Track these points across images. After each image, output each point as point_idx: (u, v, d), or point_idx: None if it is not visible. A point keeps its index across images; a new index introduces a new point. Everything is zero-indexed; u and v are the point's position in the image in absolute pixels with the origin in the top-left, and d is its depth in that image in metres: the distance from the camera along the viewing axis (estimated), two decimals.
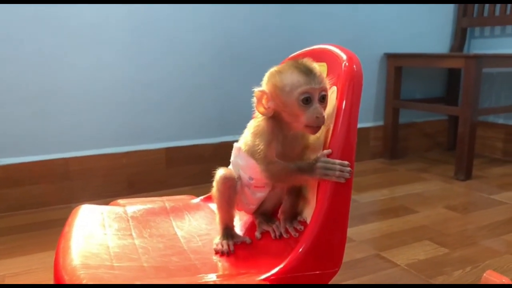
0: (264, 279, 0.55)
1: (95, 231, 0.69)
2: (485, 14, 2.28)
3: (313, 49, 0.72)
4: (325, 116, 0.62)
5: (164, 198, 0.86)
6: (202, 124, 1.91)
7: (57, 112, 1.64)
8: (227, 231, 0.70)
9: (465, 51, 2.41)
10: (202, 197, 0.86)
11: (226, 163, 1.93)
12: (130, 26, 1.71)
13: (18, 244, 1.36)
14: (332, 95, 0.65)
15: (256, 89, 0.68)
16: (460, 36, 2.38)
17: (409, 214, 1.60)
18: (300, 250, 0.57)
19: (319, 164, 0.59)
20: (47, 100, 1.62)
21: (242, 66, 1.94)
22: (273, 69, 0.67)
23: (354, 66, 0.63)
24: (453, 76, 2.45)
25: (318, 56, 0.70)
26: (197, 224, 0.76)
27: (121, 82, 1.73)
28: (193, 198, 0.87)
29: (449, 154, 2.45)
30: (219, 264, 0.63)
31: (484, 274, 1.11)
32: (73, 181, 1.69)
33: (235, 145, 0.74)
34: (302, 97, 0.62)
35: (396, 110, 2.26)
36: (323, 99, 0.62)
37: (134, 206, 0.80)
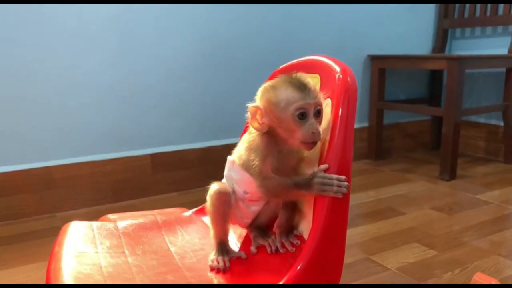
0: None
1: (86, 250, 0.67)
2: (466, 15, 2.31)
3: (305, 61, 0.72)
4: (321, 131, 0.61)
5: (155, 211, 0.84)
6: (188, 129, 1.90)
7: (38, 120, 1.60)
8: (222, 247, 0.68)
9: (446, 52, 2.44)
10: (194, 210, 0.85)
11: (213, 168, 1.93)
12: (115, 32, 1.68)
13: (1, 257, 1.32)
14: (326, 107, 0.64)
15: (250, 105, 0.67)
16: (441, 37, 2.41)
17: (397, 216, 1.61)
18: (299, 267, 0.56)
19: (316, 180, 0.59)
20: (28, 107, 1.58)
21: (227, 71, 1.93)
22: (267, 84, 0.66)
23: (349, 79, 0.63)
24: (435, 76, 2.48)
25: (311, 67, 0.69)
26: (190, 239, 0.75)
27: (105, 88, 1.70)
28: (184, 211, 0.85)
29: (432, 154, 2.48)
30: (215, 281, 0.62)
31: (474, 277, 1.12)
32: (56, 189, 1.65)
33: (229, 158, 0.73)
34: (297, 112, 0.61)
35: (380, 112, 2.27)
36: (318, 114, 0.62)
37: (125, 221, 0.78)
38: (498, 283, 1.10)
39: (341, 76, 0.64)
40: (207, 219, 0.80)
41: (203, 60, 1.87)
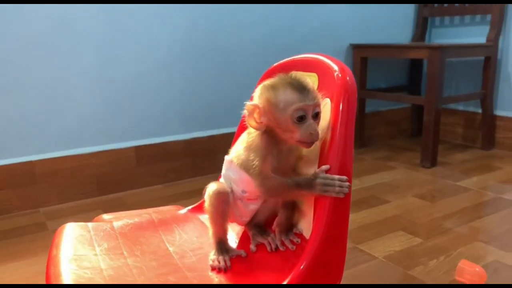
0: None
1: (85, 252, 0.67)
2: (445, 4, 2.34)
3: (303, 59, 0.72)
4: (319, 132, 0.62)
5: (150, 210, 0.84)
6: (172, 121, 1.88)
7: (20, 114, 1.57)
8: (221, 245, 0.69)
9: (426, 40, 2.47)
10: (189, 208, 0.85)
11: (197, 160, 1.93)
12: (95, 25, 1.64)
13: None
14: (325, 107, 0.65)
15: (248, 103, 0.67)
16: (421, 25, 2.44)
17: (381, 205, 1.64)
18: (302, 267, 0.57)
19: (318, 181, 0.59)
20: (9, 102, 1.54)
21: (210, 62, 1.91)
22: (266, 83, 0.66)
23: (348, 78, 0.63)
24: (414, 64, 2.51)
25: (308, 66, 0.70)
26: (187, 238, 0.75)
27: (89, 81, 1.67)
28: (180, 209, 0.85)
29: (413, 141, 2.52)
30: (217, 280, 0.63)
31: (459, 264, 1.16)
32: (39, 184, 1.63)
33: (226, 158, 0.73)
34: (297, 114, 0.62)
35: (362, 100, 2.30)
36: (316, 116, 0.63)
37: (120, 221, 0.78)
38: (482, 270, 1.14)
39: (340, 75, 0.64)
40: (203, 217, 0.81)
41: (186, 51, 1.85)
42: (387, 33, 2.39)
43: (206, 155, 1.96)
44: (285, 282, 0.57)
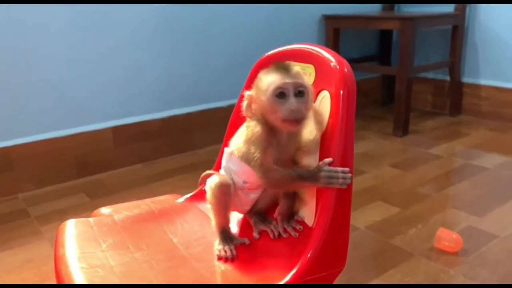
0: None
1: (91, 249, 0.68)
2: None
3: (298, 49, 0.72)
4: (304, 111, 0.63)
5: (148, 200, 0.85)
6: (148, 100, 1.86)
7: None
8: (225, 234, 0.71)
9: (396, 10, 2.50)
10: (186, 196, 0.86)
11: (175, 138, 1.92)
12: (67, 4, 1.58)
13: None
14: (324, 99, 0.66)
15: (246, 93, 0.68)
16: None
17: (359, 175, 1.69)
18: (309, 255, 0.60)
19: (323, 174, 0.61)
20: None
21: (184, 38, 1.88)
22: (262, 73, 0.68)
23: (346, 70, 0.65)
24: (384, 34, 2.54)
25: (304, 57, 0.71)
26: (189, 227, 0.76)
27: (63, 62, 1.62)
28: (177, 198, 0.86)
29: (384, 110, 2.58)
30: (227, 271, 0.65)
31: (437, 232, 1.23)
32: (16, 170, 1.59)
33: (226, 150, 0.74)
34: (277, 92, 0.63)
35: None
36: (300, 94, 0.64)
37: (120, 214, 0.78)
38: (459, 236, 1.21)
39: (337, 67, 0.65)
40: (202, 206, 0.82)
41: (158, 30, 1.81)
42: (357, 5, 2.40)
43: (184, 133, 1.96)
44: (293, 271, 0.59)
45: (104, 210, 0.81)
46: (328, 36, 2.26)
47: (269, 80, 0.65)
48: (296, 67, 0.66)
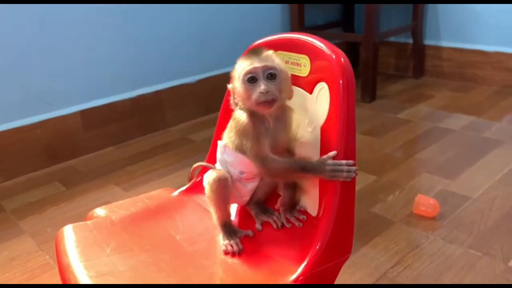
0: (295, 280, 0.60)
1: (96, 255, 0.66)
2: None
3: (290, 39, 0.71)
4: (275, 92, 0.64)
5: (142, 196, 0.83)
6: (115, 80, 1.80)
7: None
8: (228, 228, 0.71)
9: None
10: (181, 190, 0.85)
11: (146, 117, 1.88)
12: None
13: None
14: (322, 91, 0.67)
15: (228, 86, 0.70)
16: None
17: None
18: (318, 247, 0.61)
19: (328, 167, 0.62)
20: None
21: (147, 15, 1.81)
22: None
23: (342, 60, 0.65)
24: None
25: (298, 47, 0.70)
26: (190, 223, 0.76)
27: (24, 45, 1.53)
28: (170, 191, 0.85)
29: None
30: (237, 266, 0.66)
31: (416, 199, 1.28)
32: None
33: (220, 143, 0.74)
34: (247, 77, 0.65)
35: None
36: (271, 77, 0.65)
37: (117, 214, 0.77)
38: (436, 202, 1.27)
39: (333, 56, 0.65)
40: (198, 199, 0.82)
41: (123, 5, 1.73)
42: None
43: (154, 112, 1.92)
44: (305, 262, 0.61)
45: (99, 211, 0.79)
46: (293, 5, 2.23)
47: (240, 67, 0.67)
48: (270, 51, 0.67)
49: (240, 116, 0.69)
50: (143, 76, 1.87)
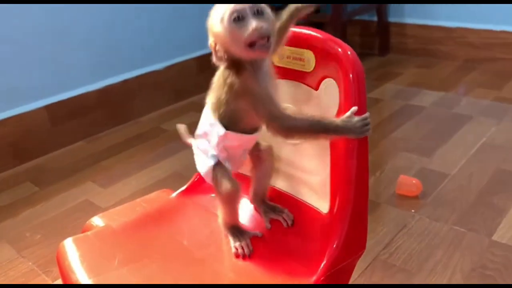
0: (316, 281, 0.59)
1: (105, 269, 0.63)
2: None
3: (293, 32, 0.68)
4: (269, 27, 0.58)
5: (139, 200, 0.80)
6: (81, 72, 1.72)
7: None
8: (236, 229, 0.69)
9: None
10: (179, 191, 0.82)
11: (114, 108, 1.81)
12: None
13: None
14: (330, 87, 0.65)
15: (209, 42, 0.63)
16: None
17: None
18: (335, 245, 0.61)
19: (358, 123, 0.59)
20: None
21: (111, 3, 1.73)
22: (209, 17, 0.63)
23: (349, 53, 0.63)
24: None
25: (301, 42, 0.68)
26: (194, 226, 0.74)
27: None
28: (168, 193, 0.82)
29: None
30: (252, 269, 0.65)
31: (399, 180, 1.31)
32: None
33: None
34: (233, 16, 0.58)
35: None
36: (259, 13, 0.59)
37: (117, 221, 0.74)
38: (419, 182, 1.30)
39: (340, 50, 0.64)
40: (198, 199, 0.80)
41: None
42: None
43: (122, 102, 1.86)
44: (324, 262, 0.61)
45: (97, 220, 0.75)
46: None
47: (221, 10, 0.60)
48: None
49: (230, 73, 0.62)
50: (110, 66, 1.80)
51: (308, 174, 0.71)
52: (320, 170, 0.68)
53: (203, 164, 0.69)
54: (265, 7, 0.60)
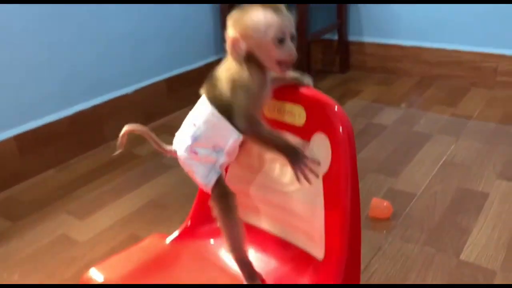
0: None
1: None
2: None
3: (285, 88, 0.73)
4: (295, 55, 0.70)
5: (133, 249, 0.81)
6: (50, 99, 1.70)
7: None
8: (249, 270, 0.71)
9: None
10: (173, 237, 0.84)
11: (84, 134, 1.80)
12: None
13: None
14: (321, 141, 0.70)
15: (230, 35, 0.69)
16: None
17: None
18: None
19: (306, 160, 0.66)
20: None
21: (72, 23, 1.72)
22: (239, 11, 0.69)
23: (336, 108, 0.68)
24: None
25: (294, 97, 0.72)
26: (191, 274, 0.76)
27: None
28: (162, 238, 0.84)
29: None
30: None
31: (372, 203, 1.37)
32: None
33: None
34: (278, 36, 0.67)
35: None
36: (293, 38, 0.70)
37: (115, 274, 0.74)
38: (388, 203, 1.37)
39: (329, 106, 0.69)
40: (196, 244, 0.82)
41: (49, 21, 1.63)
42: None
43: (93, 127, 1.84)
44: None
45: (94, 273, 0.76)
46: (223, 8, 2.23)
47: (268, 21, 0.67)
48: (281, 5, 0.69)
49: (243, 69, 0.69)
50: (79, 91, 1.78)
51: (300, 221, 0.75)
52: (312, 217, 0.72)
53: (209, 175, 0.73)
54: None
